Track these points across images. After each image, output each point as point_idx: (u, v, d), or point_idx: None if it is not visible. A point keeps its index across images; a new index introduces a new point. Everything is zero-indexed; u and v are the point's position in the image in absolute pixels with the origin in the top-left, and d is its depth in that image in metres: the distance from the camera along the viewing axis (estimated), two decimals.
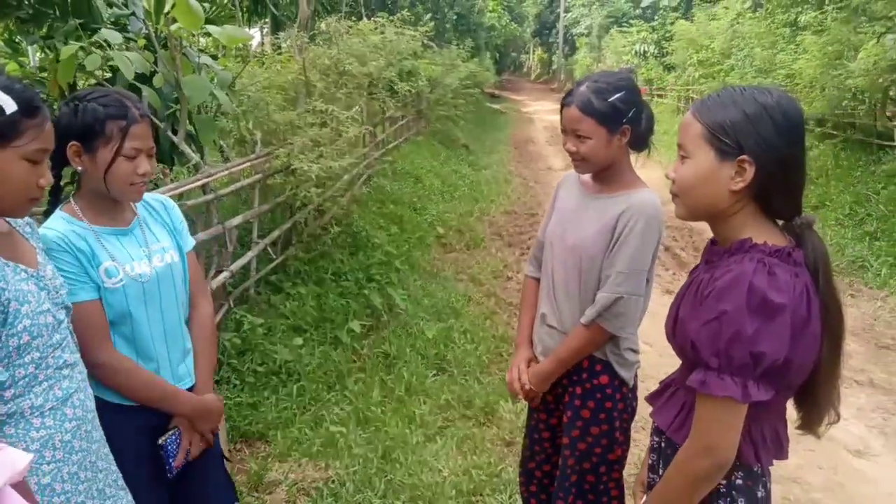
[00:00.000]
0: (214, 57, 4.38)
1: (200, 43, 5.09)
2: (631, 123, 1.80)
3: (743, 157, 1.20)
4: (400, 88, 7.20)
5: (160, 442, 1.63)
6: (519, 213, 8.45)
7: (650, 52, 20.66)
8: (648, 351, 4.09)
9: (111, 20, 3.77)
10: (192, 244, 1.81)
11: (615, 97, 1.76)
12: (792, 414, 1.34)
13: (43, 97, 1.86)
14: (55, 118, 1.36)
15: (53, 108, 1.38)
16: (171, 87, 3.38)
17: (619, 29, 23.88)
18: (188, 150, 3.52)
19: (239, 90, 4.12)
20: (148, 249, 1.64)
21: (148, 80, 3.22)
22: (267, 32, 11.83)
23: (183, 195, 3.28)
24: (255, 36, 11.18)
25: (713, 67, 13.19)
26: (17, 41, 4.73)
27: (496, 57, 29.43)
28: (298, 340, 3.83)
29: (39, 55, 4.52)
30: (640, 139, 1.87)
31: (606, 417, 1.89)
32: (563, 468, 1.95)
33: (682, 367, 1.39)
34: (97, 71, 3.10)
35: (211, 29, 3.27)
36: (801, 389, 1.28)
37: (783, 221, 1.28)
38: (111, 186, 1.54)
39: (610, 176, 1.88)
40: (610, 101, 1.76)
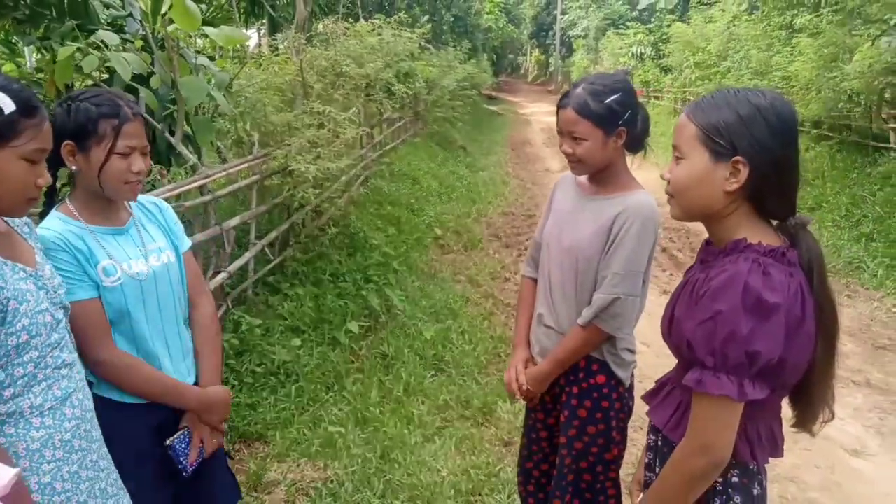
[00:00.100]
0: (212, 58, 4.39)
1: (197, 44, 5.09)
2: (627, 125, 1.81)
3: (737, 157, 1.21)
4: (397, 90, 7.20)
5: (168, 443, 1.63)
6: (516, 214, 8.46)
7: (647, 54, 20.68)
8: (646, 351, 4.09)
9: (108, 21, 3.77)
10: (188, 245, 1.81)
11: (611, 99, 1.77)
12: (787, 412, 1.35)
13: (40, 98, 1.86)
14: (50, 118, 1.36)
15: (50, 108, 1.38)
16: (168, 88, 3.38)
17: (615, 31, 23.90)
18: (185, 151, 3.52)
19: (236, 91, 4.12)
20: (144, 249, 1.65)
21: (145, 81, 3.22)
22: (264, 34, 11.83)
23: (180, 196, 3.28)
24: (252, 37, 11.18)
25: (709, 69, 13.21)
26: (13, 42, 4.72)
27: (493, 59, 29.46)
28: (297, 341, 3.83)
29: (36, 56, 4.52)
30: (635, 141, 1.88)
31: (603, 417, 1.90)
32: (560, 467, 1.96)
33: (677, 366, 1.40)
34: (94, 72, 3.10)
35: (208, 30, 3.28)
36: (795, 388, 1.29)
37: (777, 222, 1.30)
38: (106, 185, 1.54)
39: (606, 177, 1.89)
40: (606, 103, 1.77)
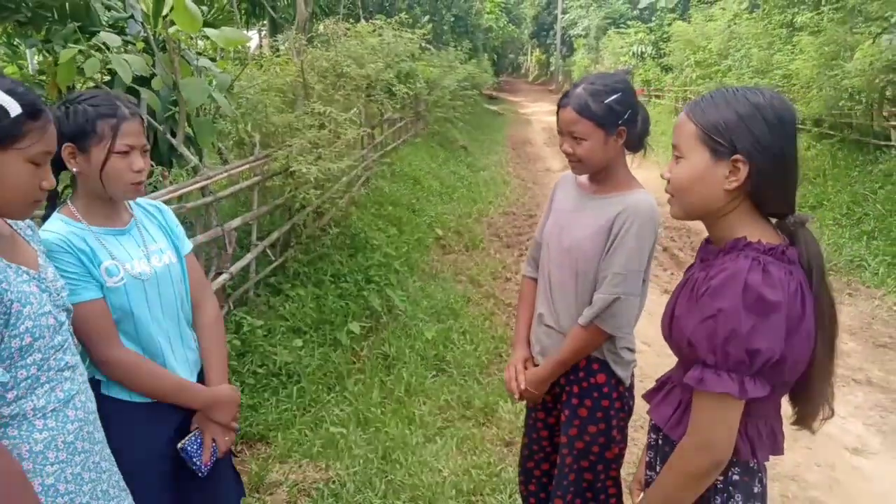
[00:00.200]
0: (213, 59, 4.39)
1: (198, 45, 5.10)
2: (627, 125, 1.82)
3: (736, 156, 1.22)
4: (398, 90, 7.21)
5: (180, 446, 1.64)
6: (517, 214, 8.46)
7: (647, 53, 20.66)
8: (647, 351, 4.09)
9: (109, 23, 3.78)
10: (190, 247, 1.82)
11: (611, 99, 1.78)
12: (787, 410, 1.36)
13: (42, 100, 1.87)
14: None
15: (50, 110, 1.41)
16: (169, 89, 3.39)
17: (616, 30, 23.88)
18: (187, 152, 3.53)
19: (237, 92, 4.13)
20: (146, 249, 1.65)
21: (146, 82, 3.23)
22: (265, 35, 11.84)
23: (182, 197, 3.29)
24: (253, 38, 11.19)
25: (710, 68, 13.20)
26: (15, 44, 4.74)
27: (494, 59, 29.42)
28: (298, 342, 3.84)
29: (38, 58, 4.53)
30: (636, 140, 1.89)
31: (603, 416, 1.90)
32: (561, 467, 1.96)
33: (678, 364, 1.41)
34: (96, 74, 3.11)
35: (209, 32, 3.29)
36: (795, 386, 1.29)
37: (777, 220, 1.30)
38: (108, 185, 1.55)
39: (606, 177, 1.89)
40: (606, 102, 1.77)
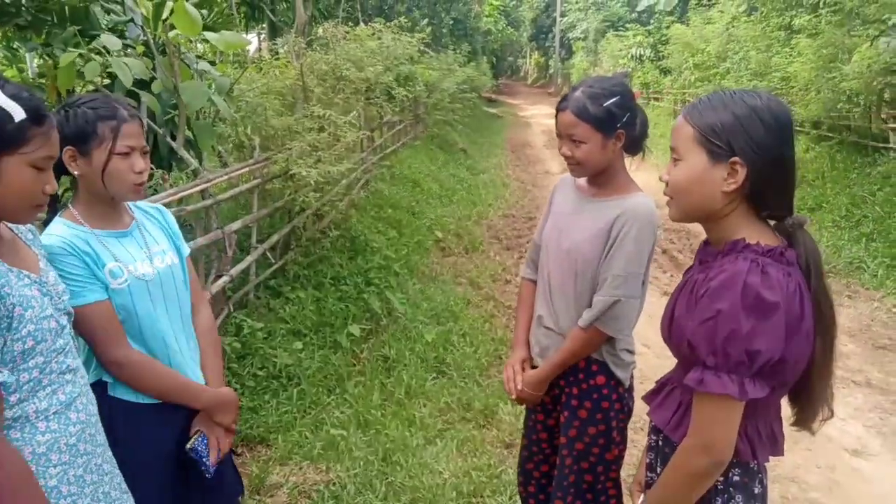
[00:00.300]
0: (212, 63, 4.41)
1: (198, 49, 5.11)
2: (625, 128, 1.83)
3: (734, 158, 1.22)
4: (397, 93, 7.21)
5: (188, 447, 1.65)
6: (517, 216, 8.46)
7: (646, 55, 20.67)
8: (646, 353, 4.10)
9: (109, 27, 3.79)
10: (187, 251, 1.84)
11: (610, 102, 1.78)
12: (786, 411, 1.36)
13: None
14: None
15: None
16: (169, 93, 3.40)
17: (615, 33, 23.89)
18: (187, 155, 3.54)
19: (237, 96, 4.14)
20: (149, 251, 1.67)
21: (146, 86, 3.24)
22: (264, 38, 11.86)
23: (182, 200, 3.29)
24: (252, 42, 11.21)
25: (709, 71, 13.22)
26: (15, 48, 4.75)
27: (493, 61, 29.45)
28: (298, 344, 3.84)
29: (37, 62, 4.54)
30: (634, 143, 1.90)
31: (603, 417, 1.91)
32: (560, 468, 1.97)
33: (678, 366, 1.41)
34: (96, 77, 3.12)
35: (209, 35, 3.30)
36: (795, 386, 1.30)
37: (775, 222, 1.30)
38: (110, 186, 1.56)
39: (605, 180, 1.90)
40: (605, 105, 1.78)
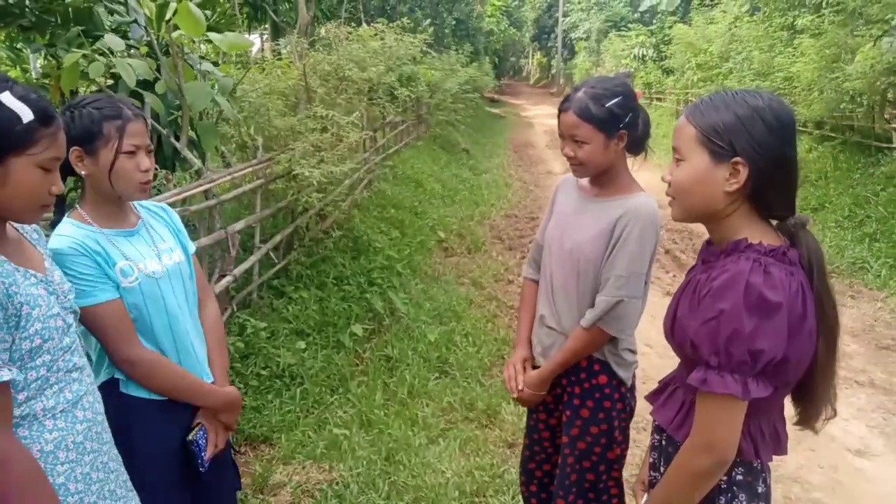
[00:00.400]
0: (216, 63, 4.42)
1: (201, 49, 5.12)
2: (628, 128, 1.83)
3: (736, 158, 1.23)
4: (400, 94, 7.23)
5: (190, 438, 1.65)
6: (519, 216, 8.46)
7: (649, 55, 20.63)
8: (649, 352, 4.10)
9: (112, 27, 3.80)
10: (193, 249, 1.85)
11: (612, 102, 1.79)
12: (790, 411, 1.36)
13: None
14: None
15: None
16: (173, 93, 3.41)
17: (617, 33, 23.85)
18: (190, 155, 3.55)
19: (240, 96, 4.15)
20: (157, 249, 1.68)
21: (150, 86, 3.25)
22: (267, 38, 11.88)
23: (186, 200, 3.31)
24: (255, 42, 11.23)
25: (711, 71, 13.19)
26: (19, 48, 4.77)
27: (495, 62, 29.44)
28: (301, 344, 3.85)
29: (41, 62, 4.56)
30: (636, 143, 1.90)
31: (605, 417, 1.91)
32: (562, 467, 1.97)
33: (680, 365, 1.42)
34: (100, 78, 3.13)
35: (212, 36, 3.30)
36: (798, 386, 1.30)
37: (777, 222, 1.31)
38: (117, 185, 1.57)
39: (607, 180, 1.91)
40: (607, 106, 1.79)
